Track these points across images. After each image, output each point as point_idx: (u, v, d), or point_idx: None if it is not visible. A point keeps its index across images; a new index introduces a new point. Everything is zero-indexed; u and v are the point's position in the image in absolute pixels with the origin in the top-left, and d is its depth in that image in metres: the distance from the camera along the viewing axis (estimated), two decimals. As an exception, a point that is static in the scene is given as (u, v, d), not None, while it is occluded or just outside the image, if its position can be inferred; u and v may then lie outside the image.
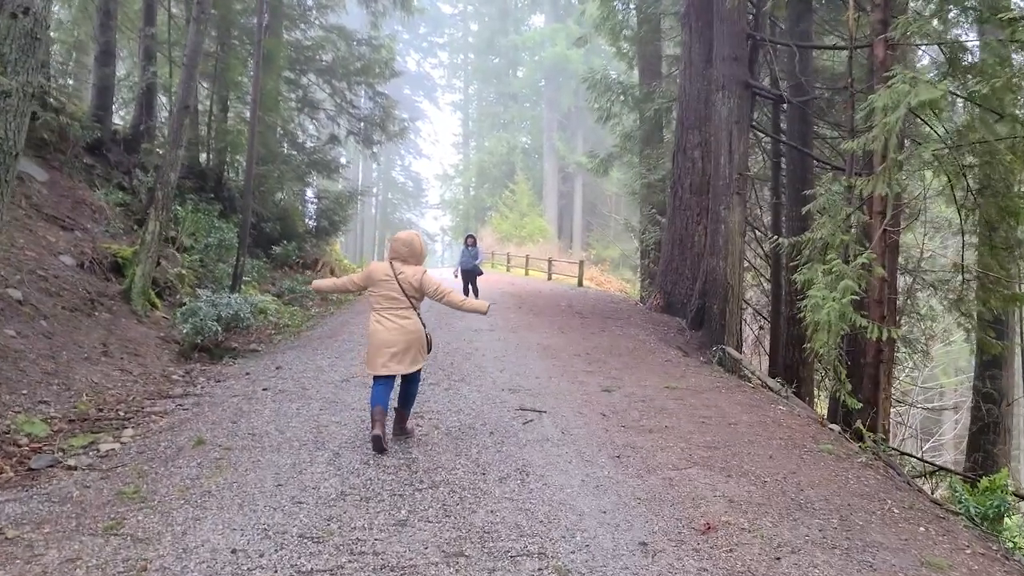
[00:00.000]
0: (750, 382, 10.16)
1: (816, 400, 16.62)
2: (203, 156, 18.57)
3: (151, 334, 10.17)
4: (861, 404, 7.66)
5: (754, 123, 13.73)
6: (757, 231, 17.73)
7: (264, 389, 7.14)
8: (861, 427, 8.30)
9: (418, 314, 5.62)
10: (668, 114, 18.77)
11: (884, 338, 8.57)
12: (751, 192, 16.18)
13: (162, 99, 17.35)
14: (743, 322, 15.06)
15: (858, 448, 6.22)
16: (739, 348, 12.56)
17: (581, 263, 24.63)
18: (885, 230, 8.91)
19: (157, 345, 9.93)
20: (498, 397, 7.10)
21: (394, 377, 5.58)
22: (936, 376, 27.31)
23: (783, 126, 16.65)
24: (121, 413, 6.61)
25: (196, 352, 10.14)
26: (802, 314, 10.74)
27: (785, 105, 17.07)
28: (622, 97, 19.20)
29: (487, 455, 5.23)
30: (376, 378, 5.53)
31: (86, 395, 6.99)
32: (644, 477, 4.83)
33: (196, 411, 6.36)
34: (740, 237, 12.49)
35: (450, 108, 70.64)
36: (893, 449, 9.39)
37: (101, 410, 6.72)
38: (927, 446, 25.10)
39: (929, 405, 25.00)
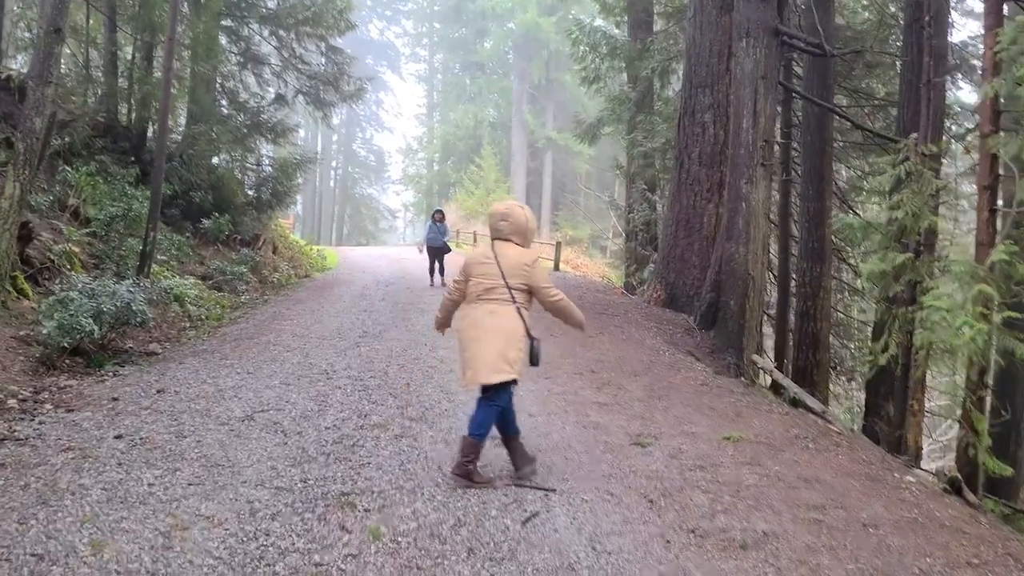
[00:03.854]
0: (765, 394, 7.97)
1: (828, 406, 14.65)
2: (123, 113, 15.86)
3: (5, 333, 7.60)
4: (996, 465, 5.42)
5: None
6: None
7: (117, 437, 4.63)
8: (959, 478, 6.13)
9: (519, 310, 4.21)
10: (665, 75, 16.39)
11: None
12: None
13: (70, 43, 14.49)
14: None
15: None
16: (760, 351, 10.39)
17: (558, 244, 22.27)
18: (992, 210, 6.72)
19: (11, 349, 7.37)
20: (476, 453, 4.70)
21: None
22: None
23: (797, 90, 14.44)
24: None
25: (66, 358, 7.59)
26: (868, 317, 8.61)
27: (800, 68, 14.93)
28: (610, 57, 16.73)
29: (466, 612, 2.84)
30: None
31: None
32: None
33: (-16, 485, 3.87)
34: (765, 218, 10.25)
35: (414, 79, 67.34)
36: (987, 496, 7.29)
37: None
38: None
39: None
